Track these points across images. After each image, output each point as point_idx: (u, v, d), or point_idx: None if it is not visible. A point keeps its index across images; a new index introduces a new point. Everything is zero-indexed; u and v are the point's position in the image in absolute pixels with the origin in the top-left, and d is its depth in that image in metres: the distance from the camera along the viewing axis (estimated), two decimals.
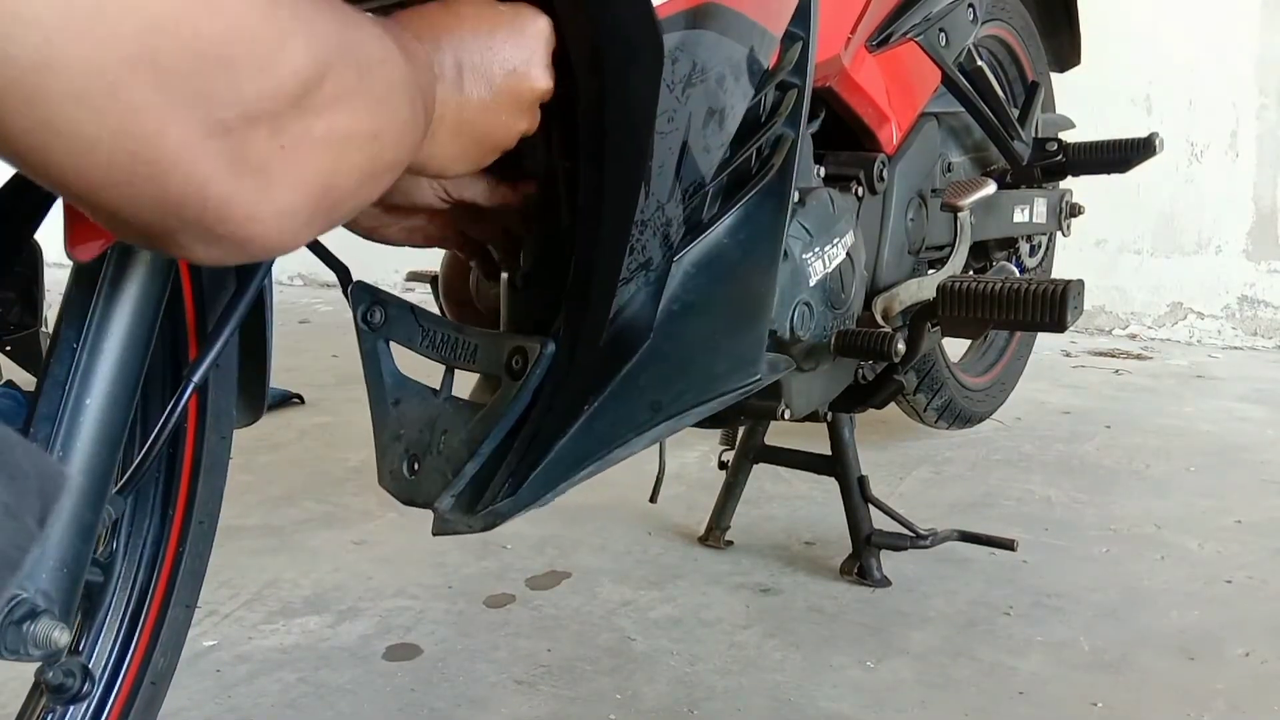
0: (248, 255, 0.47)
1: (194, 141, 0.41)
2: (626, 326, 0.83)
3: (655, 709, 1.16)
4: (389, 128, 0.51)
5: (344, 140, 0.48)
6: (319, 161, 0.47)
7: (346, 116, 0.47)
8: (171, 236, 0.44)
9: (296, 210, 0.47)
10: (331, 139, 0.47)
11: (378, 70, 0.50)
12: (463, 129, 0.65)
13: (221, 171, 0.42)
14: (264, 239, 0.46)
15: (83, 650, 0.79)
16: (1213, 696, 1.17)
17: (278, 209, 0.46)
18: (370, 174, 0.51)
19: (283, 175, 0.45)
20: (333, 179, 0.48)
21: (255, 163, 0.44)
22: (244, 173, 0.43)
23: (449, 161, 0.67)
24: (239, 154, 0.43)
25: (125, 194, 0.41)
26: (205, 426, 0.83)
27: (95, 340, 0.66)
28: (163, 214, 0.43)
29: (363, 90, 0.48)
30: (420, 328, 0.87)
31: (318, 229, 0.50)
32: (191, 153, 0.41)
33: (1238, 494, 1.83)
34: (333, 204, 0.49)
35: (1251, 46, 3.13)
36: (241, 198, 0.44)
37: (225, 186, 0.43)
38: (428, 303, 0.99)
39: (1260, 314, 3.20)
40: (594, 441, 0.83)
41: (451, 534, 0.83)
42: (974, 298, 1.13)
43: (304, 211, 0.47)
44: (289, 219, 0.47)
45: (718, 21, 0.78)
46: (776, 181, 0.91)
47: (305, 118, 0.45)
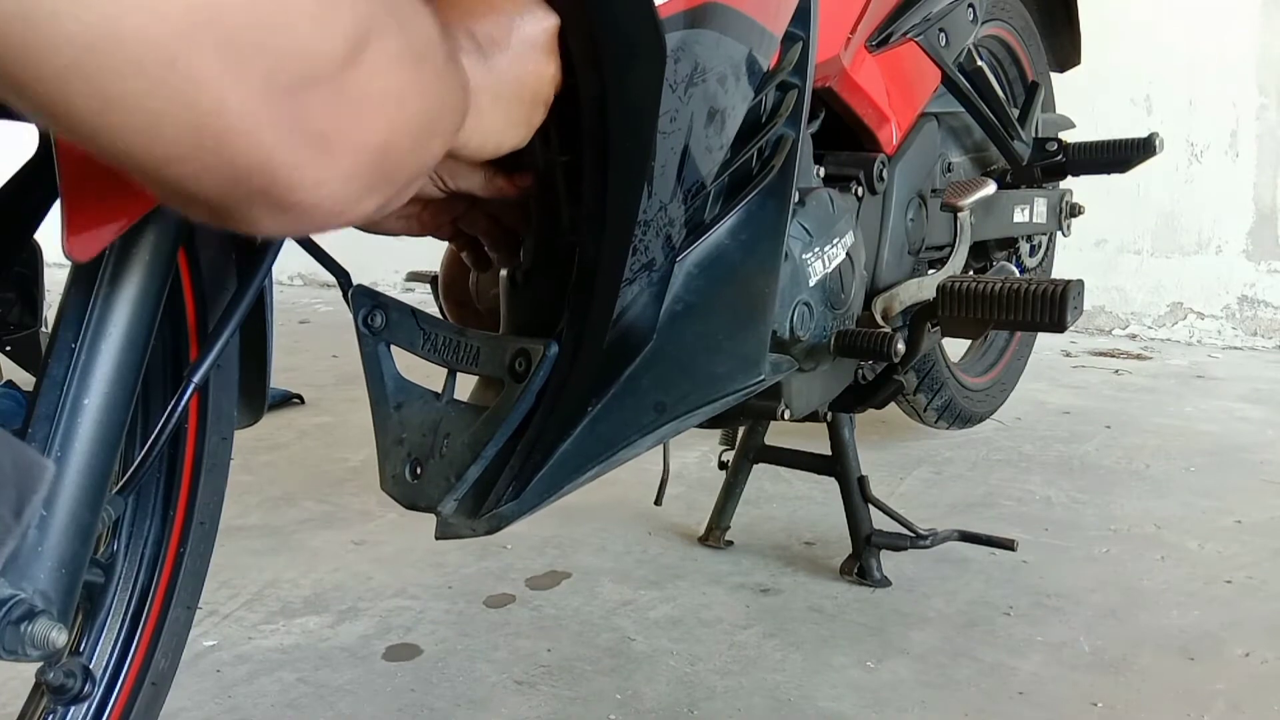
0: (316, 225, 0.48)
1: (256, 109, 0.40)
2: (629, 328, 0.83)
3: (655, 709, 1.16)
4: (434, 85, 0.51)
5: (399, 99, 0.48)
6: (376, 120, 0.46)
7: (397, 75, 0.47)
8: (241, 209, 0.44)
9: (360, 174, 0.47)
10: (387, 98, 0.47)
11: (418, 27, 0.49)
12: (501, 94, 0.66)
13: (285, 138, 0.42)
14: (331, 205, 0.46)
15: (84, 651, 0.79)
16: (1213, 696, 1.17)
17: (343, 173, 0.46)
18: (424, 133, 0.51)
19: (344, 138, 0.45)
20: (390, 138, 0.48)
21: (317, 127, 0.43)
22: (307, 138, 0.43)
23: (500, 132, 0.67)
24: (301, 119, 0.43)
25: (193, 168, 0.41)
26: (206, 427, 0.83)
27: (93, 340, 0.66)
28: (232, 186, 0.43)
29: (408, 48, 0.48)
30: (421, 331, 0.87)
31: (379, 198, 0.50)
32: (255, 120, 0.41)
33: (1238, 494, 1.83)
34: (392, 167, 0.49)
35: (1251, 46, 3.13)
36: (307, 163, 0.44)
37: (290, 153, 0.43)
38: (428, 303, 0.99)
39: (1260, 314, 3.20)
40: (598, 443, 0.83)
41: (455, 538, 0.83)
42: (974, 298, 1.13)
43: (367, 175, 0.47)
44: (354, 183, 0.47)
45: (719, 21, 0.78)
46: (777, 182, 0.91)
47: (359, 77, 0.45)
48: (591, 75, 0.70)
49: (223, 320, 0.72)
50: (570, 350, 0.79)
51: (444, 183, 0.78)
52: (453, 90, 0.55)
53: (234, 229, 0.47)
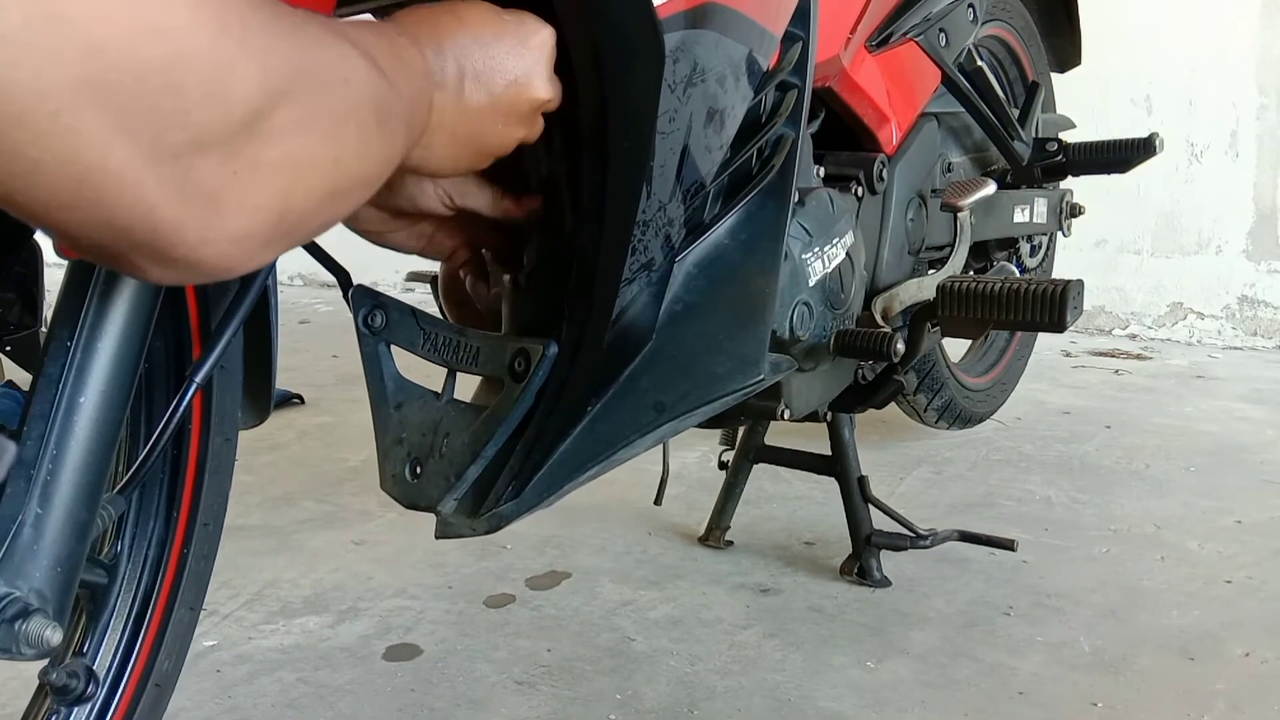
0: (204, 277, 0.47)
1: (140, 167, 0.40)
2: (629, 327, 0.83)
3: (655, 709, 1.16)
4: (352, 149, 0.50)
5: (301, 165, 0.47)
6: (273, 186, 0.46)
7: (303, 141, 0.46)
8: (125, 258, 0.44)
9: (251, 234, 0.46)
10: (287, 164, 0.46)
11: (339, 92, 0.49)
12: (459, 135, 0.66)
13: (170, 197, 0.42)
14: (219, 262, 0.46)
15: (87, 652, 0.79)
16: (1213, 696, 1.17)
17: (231, 234, 0.45)
18: (331, 194, 0.50)
19: (235, 201, 0.44)
20: (289, 203, 0.47)
21: (206, 189, 0.43)
22: (194, 198, 0.43)
23: (441, 164, 0.67)
24: (188, 180, 0.42)
25: (74, 217, 0.41)
26: (209, 428, 0.83)
27: (89, 339, 0.66)
28: (113, 237, 0.42)
29: (322, 114, 0.47)
30: (421, 331, 0.87)
31: (278, 250, 0.49)
32: (137, 178, 0.40)
33: (1238, 494, 1.83)
34: (291, 226, 0.48)
35: (1251, 46, 3.13)
36: (193, 223, 0.43)
37: (175, 212, 0.42)
38: (428, 303, 0.99)
39: (1260, 314, 3.20)
40: (597, 443, 0.83)
41: (455, 537, 0.83)
42: (974, 298, 1.13)
43: (260, 235, 0.46)
44: (244, 243, 0.46)
45: (718, 21, 0.78)
46: (777, 182, 0.91)
47: (257, 144, 0.44)
48: (590, 76, 0.70)
49: (224, 320, 0.72)
50: (570, 350, 0.79)
51: (451, 200, 0.78)
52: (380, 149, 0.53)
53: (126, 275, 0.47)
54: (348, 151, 0.50)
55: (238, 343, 0.84)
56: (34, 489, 0.63)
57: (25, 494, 0.63)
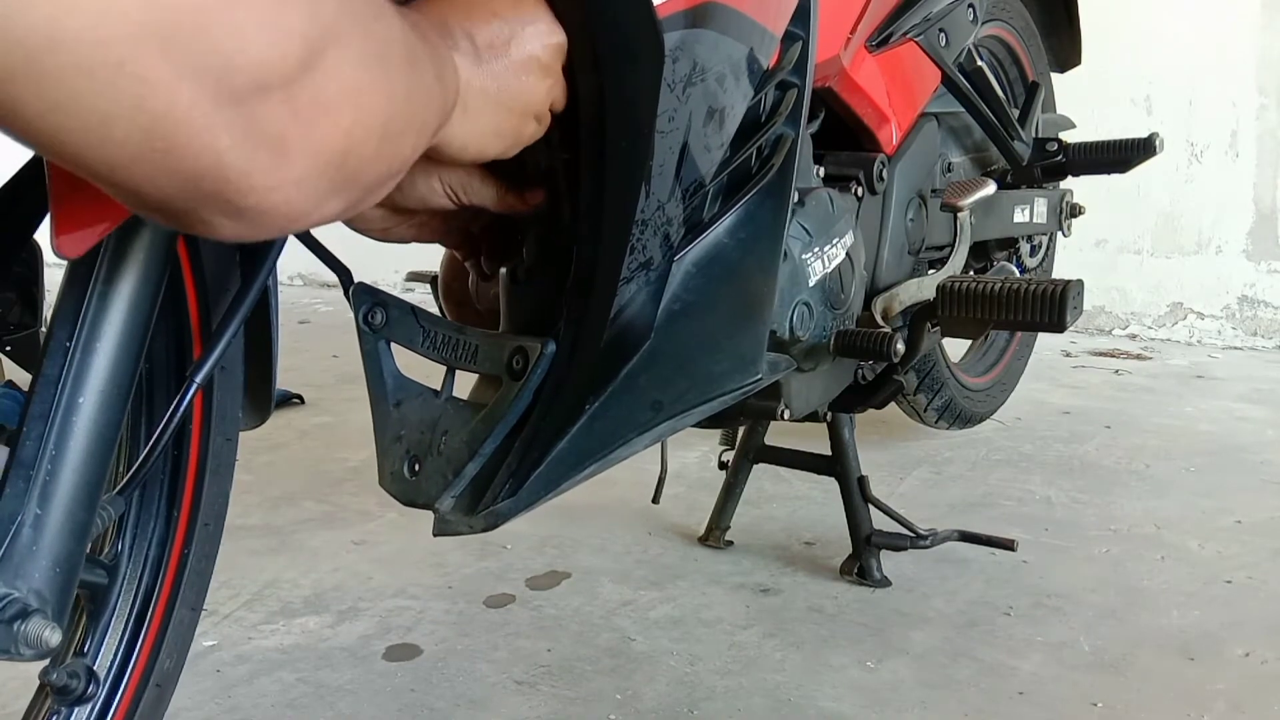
0: (275, 228, 0.47)
1: (207, 112, 0.40)
2: (627, 326, 0.83)
3: (655, 709, 1.16)
4: (400, 85, 0.50)
5: (356, 101, 0.47)
6: (334, 125, 0.46)
7: (354, 75, 0.46)
8: (195, 212, 0.44)
9: (317, 178, 0.46)
10: (343, 100, 0.46)
11: (378, 27, 0.49)
12: (492, 98, 0.65)
13: (238, 141, 0.42)
14: (288, 209, 0.46)
15: (87, 652, 0.79)
16: (1213, 696, 1.17)
17: (298, 177, 0.45)
18: (388, 136, 0.50)
19: (299, 142, 0.44)
20: (349, 143, 0.47)
21: (271, 131, 0.43)
22: (260, 142, 0.43)
23: (484, 135, 0.66)
24: (253, 122, 0.42)
25: (144, 171, 0.41)
26: (210, 428, 0.83)
27: (88, 339, 0.65)
28: (184, 189, 0.42)
29: (369, 50, 0.47)
30: (421, 329, 0.87)
31: (344, 200, 0.49)
32: (205, 123, 0.40)
33: (1238, 494, 1.83)
34: (353, 171, 0.48)
35: (1251, 46, 3.13)
36: (260, 167, 0.43)
37: (243, 157, 0.42)
38: (428, 303, 0.99)
39: (1260, 314, 3.20)
40: (595, 441, 0.83)
41: (452, 535, 0.83)
42: (974, 298, 1.13)
43: (325, 179, 0.47)
44: (311, 187, 0.46)
45: (718, 21, 0.79)
46: (777, 181, 0.91)
47: (315, 80, 0.44)
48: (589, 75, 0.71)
49: (225, 319, 0.72)
50: (568, 348, 0.79)
51: (457, 195, 0.78)
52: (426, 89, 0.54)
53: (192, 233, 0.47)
54: (396, 91, 0.50)
55: (238, 343, 0.84)
56: (33, 489, 0.63)
57: (24, 494, 0.63)
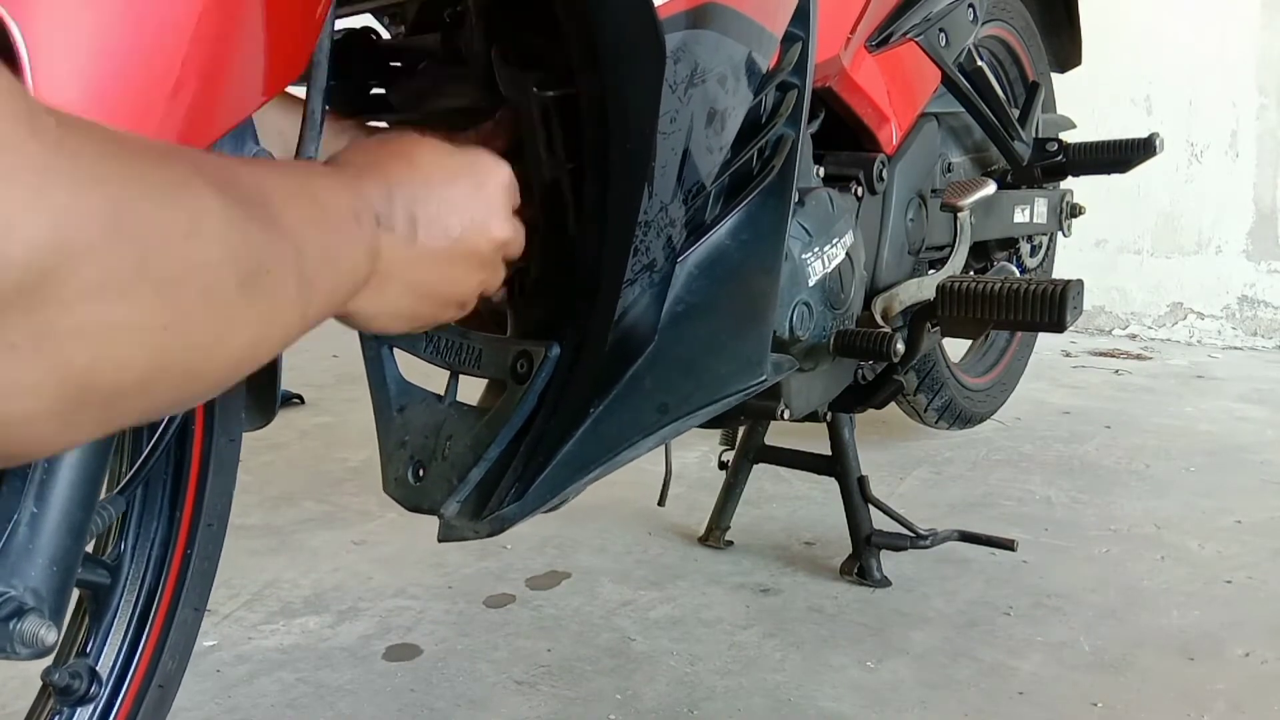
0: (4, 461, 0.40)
1: None
2: (631, 329, 0.83)
3: (655, 709, 1.16)
4: (193, 314, 0.42)
5: (109, 334, 0.39)
6: (69, 359, 0.38)
7: (114, 307, 0.38)
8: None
9: (45, 414, 0.38)
10: (88, 333, 0.38)
11: (176, 247, 0.41)
12: (415, 285, 0.61)
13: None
14: (12, 444, 0.39)
15: (90, 652, 0.79)
16: (1213, 696, 1.17)
17: (20, 414, 0.38)
18: (167, 366, 0.42)
19: (14, 377, 0.37)
20: (93, 377, 0.39)
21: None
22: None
23: (394, 319, 0.62)
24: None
25: None
26: (213, 428, 0.83)
27: None
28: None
29: (148, 275, 0.39)
30: (424, 333, 0.87)
31: (97, 428, 0.42)
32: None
33: (1238, 494, 1.83)
34: (105, 402, 0.40)
35: (1251, 46, 3.13)
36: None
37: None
38: None
39: (1260, 314, 3.20)
40: (600, 444, 0.83)
41: (458, 540, 0.83)
42: (974, 298, 1.13)
43: (59, 413, 0.39)
44: (41, 423, 0.39)
45: (718, 22, 0.79)
46: (777, 182, 0.91)
47: (46, 310, 0.36)
48: (591, 77, 0.71)
49: None
50: (572, 351, 0.79)
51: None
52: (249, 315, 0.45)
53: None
54: (188, 317, 0.42)
55: None
56: (29, 487, 0.63)
57: (21, 492, 0.63)
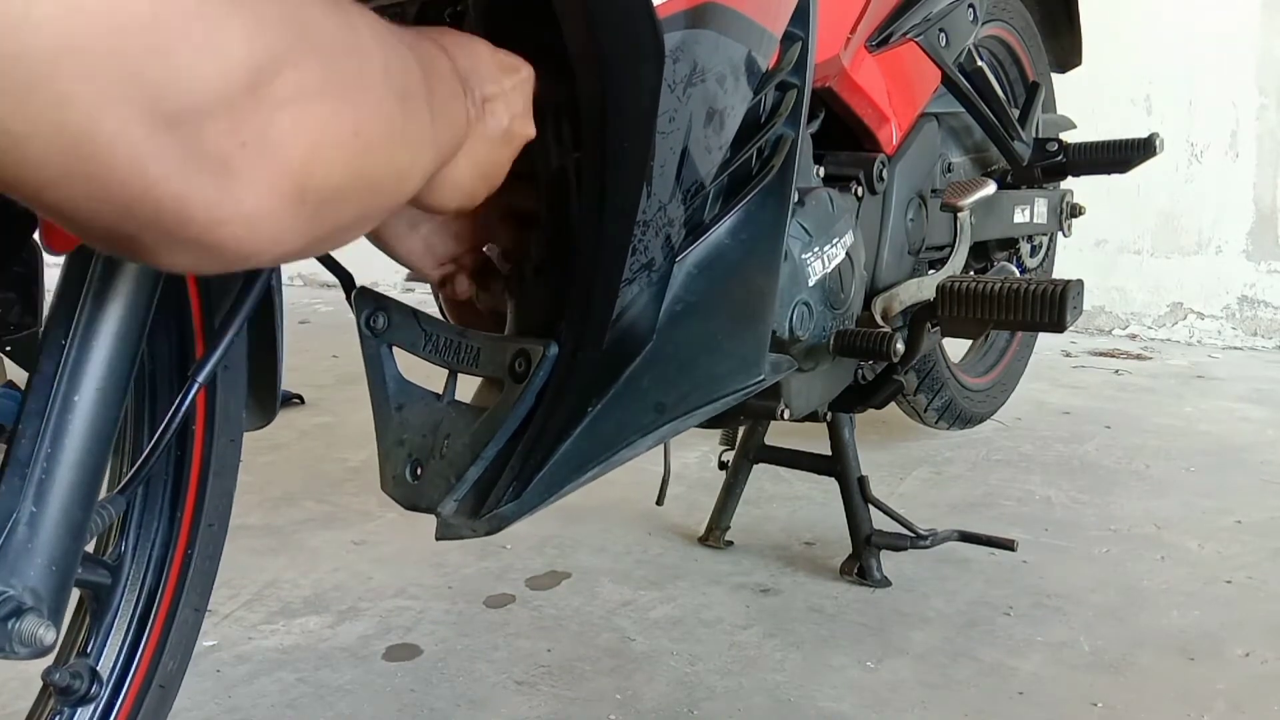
0: (226, 263, 0.43)
1: (135, 136, 0.37)
2: (629, 328, 0.83)
3: (655, 709, 1.16)
4: (374, 128, 0.47)
5: (317, 135, 0.43)
6: (288, 158, 0.42)
7: (315, 109, 0.43)
8: (134, 240, 0.41)
9: (271, 213, 0.42)
10: (300, 133, 0.42)
11: (349, 62, 0.45)
12: (478, 160, 0.65)
13: (173, 169, 0.38)
14: (239, 244, 0.42)
15: (91, 652, 0.79)
16: (1213, 696, 1.17)
17: (247, 211, 0.41)
18: (358, 175, 0.46)
19: (248, 173, 0.41)
20: (309, 179, 0.43)
21: (213, 160, 0.39)
22: (201, 171, 0.39)
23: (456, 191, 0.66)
24: (192, 150, 0.39)
25: (69, 194, 0.38)
26: (214, 428, 0.83)
27: (84, 337, 0.65)
28: (116, 216, 0.39)
29: (331, 84, 0.44)
30: (423, 332, 0.87)
31: (307, 237, 0.45)
32: (134, 148, 0.37)
33: (1238, 494, 1.83)
34: (316, 208, 0.44)
35: (1251, 46, 3.13)
36: (201, 198, 0.40)
37: (179, 186, 0.39)
38: (428, 304, 0.99)
39: (1260, 314, 3.20)
40: (598, 444, 0.83)
41: (455, 539, 0.83)
42: (974, 298, 1.13)
43: (282, 214, 0.43)
44: (264, 223, 0.42)
45: (718, 21, 0.79)
46: (777, 182, 0.91)
47: (264, 110, 0.40)
48: (590, 76, 0.71)
49: (228, 318, 0.72)
50: (570, 350, 0.79)
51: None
52: (409, 133, 0.50)
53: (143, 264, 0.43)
54: (369, 127, 0.46)
55: (243, 343, 0.84)
56: (29, 487, 0.63)
57: (20, 492, 0.63)
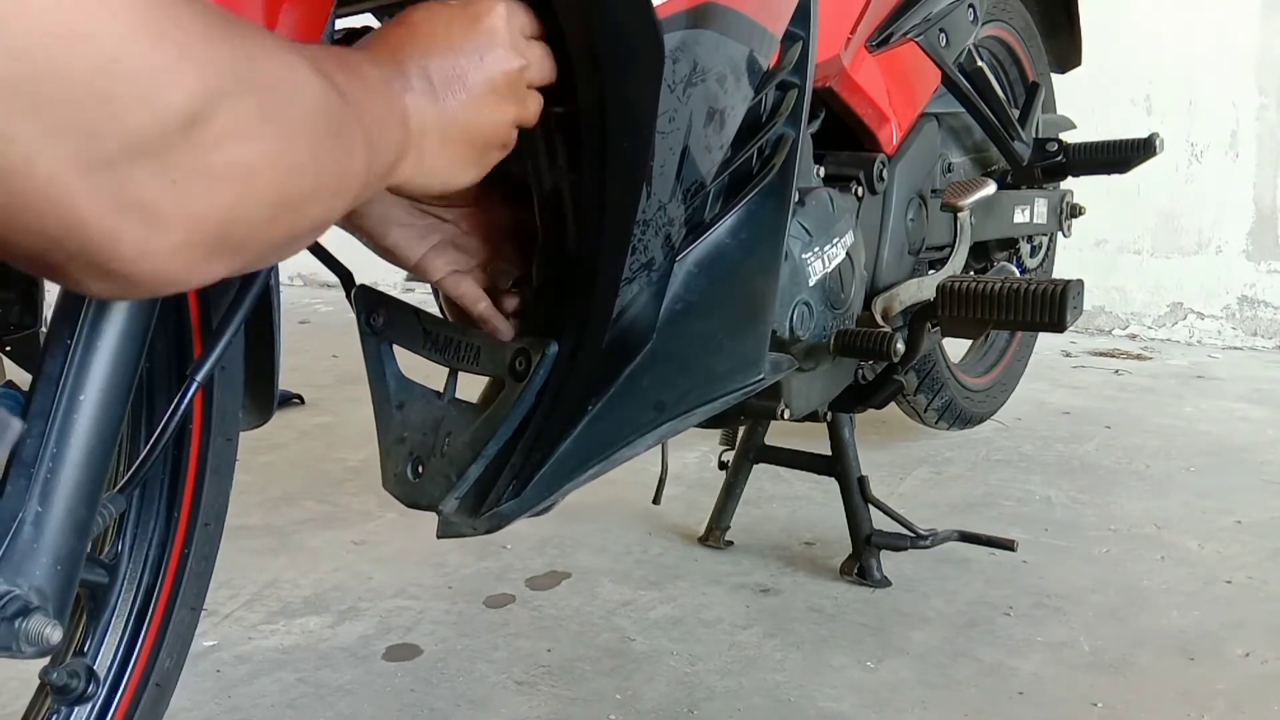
0: (147, 292, 0.45)
1: (69, 176, 0.39)
2: (629, 327, 0.83)
3: (655, 709, 1.16)
4: (305, 158, 0.48)
5: (247, 172, 0.45)
6: (217, 195, 0.44)
7: (249, 147, 0.44)
8: (62, 269, 0.42)
9: (193, 246, 0.44)
10: (232, 171, 0.44)
11: (287, 98, 0.47)
12: (450, 137, 0.64)
13: (102, 208, 0.40)
14: (161, 275, 0.44)
15: (87, 651, 0.79)
16: (1213, 697, 1.17)
17: (171, 246, 0.43)
18: (283, 206, 0.48)
19: (175, 211, 0.42)
20: (236, 213, 0.45)
21: (142, 199, 0.41)
22: (129, 209, 0.41)
23: (447, 173, 0.66)
24: (122, 190, 0.40)
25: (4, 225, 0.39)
26: (211, 428, 0.83)
27: (89, 337, 0.65)
28: (46, 247, 0.41)
29: (269, 120, 0.45)
30: (423, 331, 0.87)
31: (230, 264, 0.47)
32: (66, 187, 0.39)
33: (1238, 494, 1.83)
34: (240, 239, 0.46)
35: (1251, 47, 3.13)
36: (129, 235, 0.41)
37: (108, 223, 0.41)
38: (428, 303, 0.99)
39: (1260, 314, 3.20)
40: (598, 442, 0.83)
41: (456, 537, 0.83)
42: (974, 298, 1.13)
43: (203, 247, 0.44)
44: (187, 255, 0.44)
45: (718, 21, 0.79)
46: (777, 181, 0.91)
47: (198, 150, 0.42)
48: (589, 76, 0.71)
49: (226, 318, 0.71)
50: (570, 349, 0.79)
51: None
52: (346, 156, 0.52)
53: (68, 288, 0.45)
54: (298, 161, 0.48)
55: (240, 343, 0.84)
56: (34, 487, 0.63)
57: (25, 492, 0.63)
